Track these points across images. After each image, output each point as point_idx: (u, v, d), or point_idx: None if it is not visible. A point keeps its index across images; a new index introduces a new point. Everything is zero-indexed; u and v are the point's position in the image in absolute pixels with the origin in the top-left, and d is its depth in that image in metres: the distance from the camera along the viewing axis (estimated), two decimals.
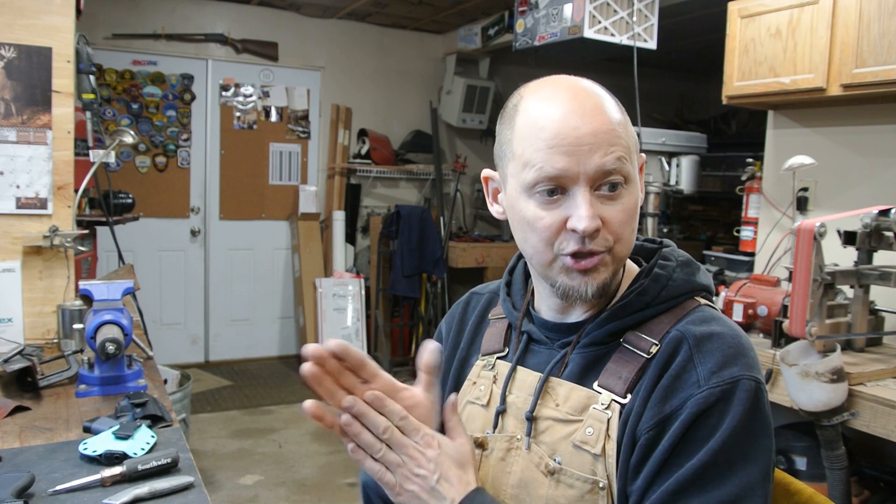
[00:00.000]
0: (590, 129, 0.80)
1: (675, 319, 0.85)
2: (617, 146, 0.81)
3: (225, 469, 3.42)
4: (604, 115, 0.82)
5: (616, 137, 0.81)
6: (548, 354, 0.92)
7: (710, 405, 0.77)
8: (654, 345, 0.83)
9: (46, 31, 1.89)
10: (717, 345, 0.80)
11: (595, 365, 0.87)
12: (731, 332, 0.82)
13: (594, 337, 0.87)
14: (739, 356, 0.80)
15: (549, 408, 0.88)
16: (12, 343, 1.83)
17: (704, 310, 0.87)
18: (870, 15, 2.21)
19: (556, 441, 0.86)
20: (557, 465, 0.85)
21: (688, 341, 0.81)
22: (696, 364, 0.79)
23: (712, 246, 3.84)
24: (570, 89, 0.84)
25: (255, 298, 5.29)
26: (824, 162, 2.64)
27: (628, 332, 0.86)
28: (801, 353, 2.03)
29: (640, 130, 3.24)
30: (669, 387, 0.80)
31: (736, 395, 0.77)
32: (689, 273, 0.89)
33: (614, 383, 0.84)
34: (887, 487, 2.30)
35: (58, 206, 1.95)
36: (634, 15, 3.17)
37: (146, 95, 4.84)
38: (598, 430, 0.83)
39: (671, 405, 0.79)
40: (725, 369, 0.78)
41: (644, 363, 0.83)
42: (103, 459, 1.18)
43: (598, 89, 0.86)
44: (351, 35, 5.35)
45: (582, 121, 0.80)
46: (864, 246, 2.15)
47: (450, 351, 1.06)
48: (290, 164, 5.29)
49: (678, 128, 4.80)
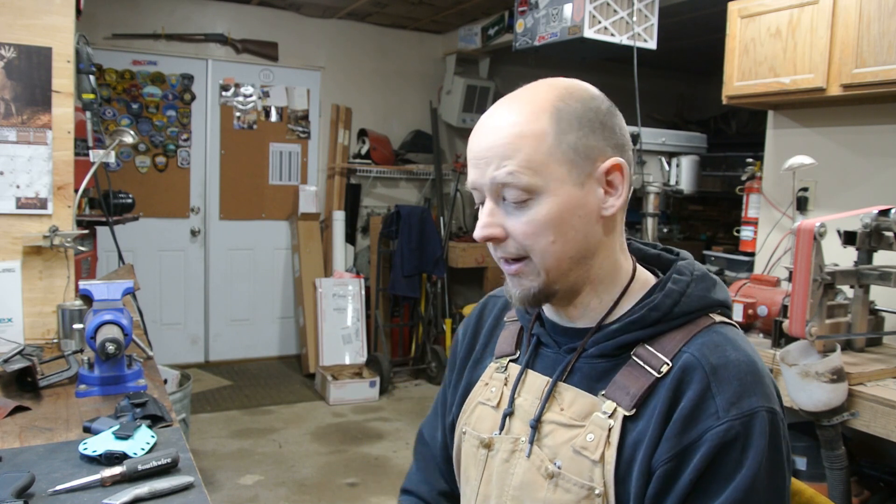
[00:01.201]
0: (487, 144, 0.83)
1: (688, 337, 0.84)
2: (511, 160, 0.81)
3: (225, 469, 3.42)
4: (505, 129, 0.82)
5: (513, 151, 0.81)
6: (555, 359, 0.92)
7: (730, 439, 0.77)
8: (665, 364, 0.83)
9: (46, 31, 1.89)
10: (735, 373, 0.80)
11: (604, 376, 0.86)
12: (746, 360, 0.81)
13: (603, 349, 0.87)
14: (757, 384, 0.80)
15: (553, 412, 0.88)
16: (12, 343, 1.83)
17: (719, 329, 0.85)
18: (870, 15, 2.21)
19: (558, 445, 0.86)
20: (557, 469, 0.85)
21: (704, 369, 0.80)
22: (715, 394, 0.79)
23: (712, 246, 3.84)
24: (501, 102, 0.86)
25: (255, 298, 5.29)
26: (824, 162, 2.64)
27: (639, 346, 0.85)
28: (801, 353, 2.04)
29: (640, 130, 3.25)
30: (688, 417, 0.79)
31: (756, 428, 0.77)
32: (705, 289, 0.88)
33: (621, 397, 0.83)
34: (887, 487, 2.30)
35: (58, 206, 1.94)
36: (634, 15, 3.17)
37: (146, 95, 4.84)
38: (599, 436, 0.83)
39: (689, 437, 0.78)
40: (744, 399, 0.78)
41: (654, 382, 0.82)
42: (103, 459, 1.18)
43: (529, 98, 0.84)
44: (351, 35, 5.35)
45: (484, 135, 0.84)
46: (864, 246, 2.15)
47: (465, 353, 1.07)
48: (290, 164, 5.29)
49: (678, 128, 4.80)
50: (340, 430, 4.04)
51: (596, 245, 0.86)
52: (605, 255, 0.88)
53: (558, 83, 0.86)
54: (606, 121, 0.85)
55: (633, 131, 3.26)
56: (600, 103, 0.86)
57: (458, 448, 1.01)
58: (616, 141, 0.85)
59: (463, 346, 1.08)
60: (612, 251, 0.88)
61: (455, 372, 1.08)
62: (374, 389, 4.56)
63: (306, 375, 4.95)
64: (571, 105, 0.83)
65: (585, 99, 0.85)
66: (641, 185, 3.37)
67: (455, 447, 1.02)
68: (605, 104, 0.86)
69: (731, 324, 0.88)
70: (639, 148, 3.28)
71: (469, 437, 0.98)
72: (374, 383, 4.57)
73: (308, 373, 4.92)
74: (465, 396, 1.02)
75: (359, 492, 3.28)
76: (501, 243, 0.85)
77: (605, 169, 0.84)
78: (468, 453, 0.98)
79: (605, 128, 0.85)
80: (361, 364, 4.81)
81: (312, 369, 4.84)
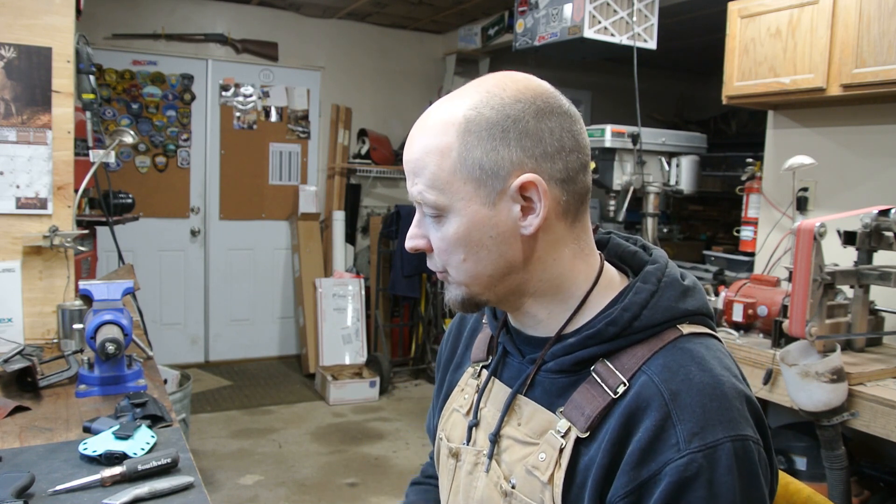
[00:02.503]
0: (407, 157, 0.81)
1: (650, 353, 0.76)
2: (420, 177, 0.79)
3: (225, 469, 3.42)
4: (418, 141, 0.79)
5: (421, 168, 0.78)
6: (518, 369, 0.88)
7: (692, 474, 0.69)
8: (622, 384, 0.76)
9: (46, 31, 1.89)
10: (698, 399, 0.72)
11: (563, 392, 0.81)
12: (711, 381, 0.73)
13: (561, 364, 0.81)
14: (723, 410, 0.72)
15: (512, 426, 0.85)
16: (12, 343, 1.83)
17: (684, 345, 0.77)
18: (870, 15, 2.21)
19: (514, 462, 0.83)
20: (511, 488, 0.81)
21: (663, 395, 0.72)
22: (675, 423, 0.71)
23: (712, 246, 3.84)
24: (431, 106, 0.82)
25: (255, 298, 5.29)
26: (824, 162, 2.64)
27: (598, 362, 0.79)
28: (801, 353, 2.04)
29: (640, 130, 3.25)
30: (645, 449, 0.71)
31: (721, 462, 0.69)
32: (672, 298, 0.79)
33: (577, 417, 0.77)
34: (887, 487, 2.30)
35: (58, 206, 1.95)
36: (634, 15, 3.17)
37: (146, 95, 4.84)
38: (551, 456, 0.78)
39: (648, 470, 0.71)
40: (707, 430, 0.70)
41: (609, 403, 0.76)
42: (103, 459, 1.18)
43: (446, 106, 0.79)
44: (351, 35, 5.35)
45: (407, 146, 0.82)
46: (864, 246, 2.15)
47: (447, 356, 1.05)
48: (290, 164, 5.29)
49: (678, 128, 4.79)
50: (340, 430, 4.04)
51: (521, 262, 0.79)
52: (540, 268, 0.80)
53: (485, 84, 0.79)
54: (529, 128, 0.76)
55: (634, 131, 3.26)
56: (524, 108, 0.76)
57: (437, 454, 0.99)
58: (542, 150, 0.76)
59: (446, 348, 1.06)
60: (551, 264, 0.81)
61: (439, 375, 1.06)
62: (374, 389, 4.56)
63: (306, 375, 4.95)
64: (484, 114, 0.76)
65: (505, 104, 0.76)
66: (641, 185, 3.37)
67: (435, 452, 1.01)
68: (531, 108, 0.76)
69: (706, 334, 0.80)
70: (639, 148, 3.28)
71: (443, 445, 0.96)
72: (374, 383, 4.57)
73: (308, 373, 4.92)
74: (445, 401, 1.00)
75: (359, 492, 3.28)
76: (430, 253, 0.83)
77: (517, 186, 0.76)
78: (441, 461, 0.96)
79: (525, 137, 0.76)
80: (361, 364, 4.81)
81: (312, 369, 4.84)
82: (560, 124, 0.78)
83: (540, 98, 0.78)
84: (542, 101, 0.77)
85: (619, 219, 3.36)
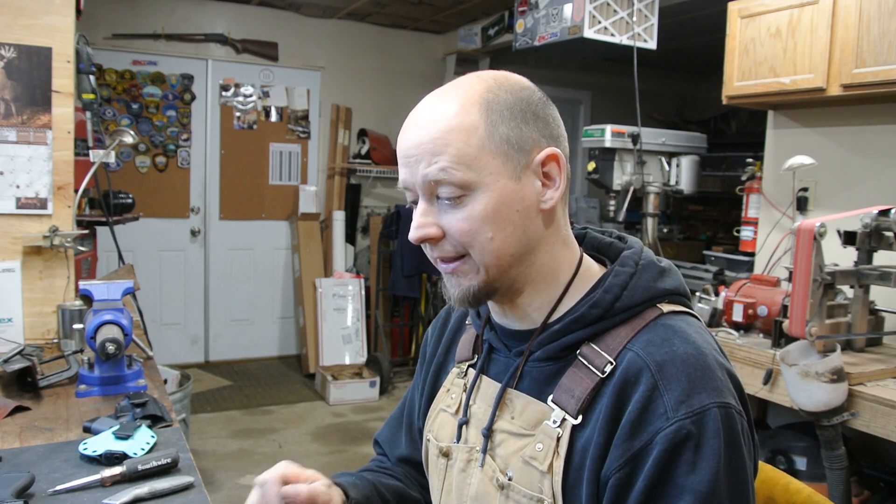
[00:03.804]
0: (415, 141, 0.80)
1: (633, 332, 0.80)
2: (442, 156, 0.78)
3: (225, 469, 3.42)
4: (433, 124, 0.79)
5: (444, 146, 0.78)
6: (506, 363, 0.89)
7: (682, 439, 0.72)
8: (609, 363, 0.78)
9: (46, 31, 1.89)
10: (683, 369, 0.75)
11: (551, 379, 0.83)
12: (695, 352, 0.76)
13: (548, 351, 0.83)
14: (707, 379, 0.75)
15: (505, 420, 0.86)
16: (12, 343, 1.83)
17: (666, 322, 0.80)
18: (870, 15, 2.21)
19: (510, 455, 0.84)
20: (508, 480, 0.83)
21: (649, 367, 0.75)
22: (663, 392, 0.74)
23: (712, 246, 3.84)
24: (430, 97, 0.83)
25: (255, 298, 5.29)
26: (824, 162, 2.64)
27: (584, 345, 0.81)
28: (801, 353, 2.04)
29: (640, 130, 3.25)
30: (636, 421, 0.74)
31: (709, 426, 0.72)
32: (650, 279, 0.83)
33: (567, 401, 0.80)
34: (887, 487, 2.30)
35: (58, 206, 1.95)
36: (634, 15, 3.17)
37: (146, 95, 4.84)
38: (548, 446, 0.80)
39: (640, 441, 0.74)
40: (694, 396, 0.73)
41: (598, 383, 0.78)
42: (103, 459, 1.18)
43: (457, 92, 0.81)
44: (351, 35, 5.35)
45: (412, 132, 0.81)
46: (864, 246, 2.15)
47: (430, 357, 1.05)
48: (290, 164, 5.29)
49: (678, 128, 4.80)
50: (340, 430, 4.04)
51: (537, 240, 0.82)
52: (545, 250, 0.84)
53: (486, 75, 0.83)
54: (539, 111, 0.82)
55: (634, 131, 3.26)
56: (531, 93, 0.82)
57: (425, 455, 0.99)
58: (551, 132, 0.82)
59: (429, 349, 1.06)
60: (553, 246, 0.84)
61: (421, 376, 1.06)
62: (374, 389, 4.56)
63: (306, 375, 4.95)
64: (501, 96, 0.80)
65: (515, 89, 0.82)
66: (641, 185, 3.37)
67: (423, 454, 1.01)
68: (536, 94, 0.83)
69: (684, 312, 0.83)
70: (639, 148, 3.28)
71: (431, 446, 0.96)
72: (374, 383, 4.57)
73: (308, 373, 4.92)
74: (430, 402, 1.00)
75: None
76: (438, 243, 0.82)
77: (540, 160, 0.81)
78: (431, 462, 0.96)
79: (537, 118, 0.81)
80: (361, 364, 4.81)
81: (312, 369, 4.84)
82: (556, 114, 0.85)
83: (538, 90, 0.85)
84: (539, 92, 0.84)
85: (619, 219, 3.36)
